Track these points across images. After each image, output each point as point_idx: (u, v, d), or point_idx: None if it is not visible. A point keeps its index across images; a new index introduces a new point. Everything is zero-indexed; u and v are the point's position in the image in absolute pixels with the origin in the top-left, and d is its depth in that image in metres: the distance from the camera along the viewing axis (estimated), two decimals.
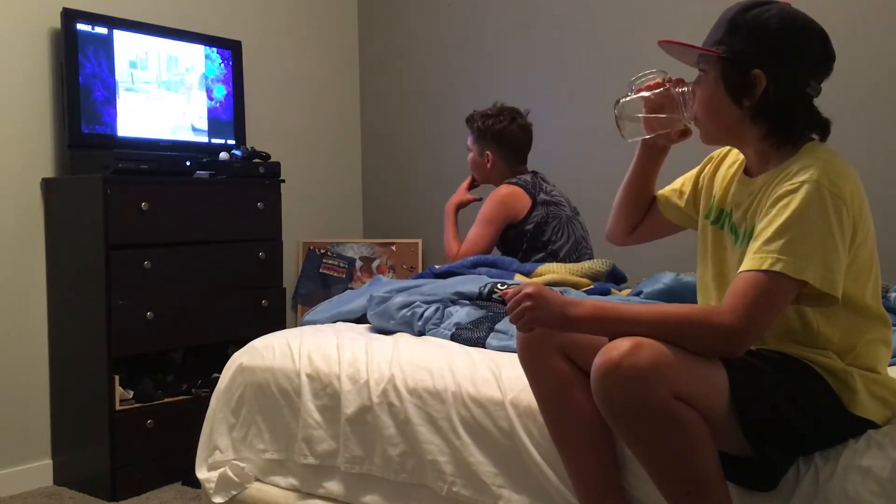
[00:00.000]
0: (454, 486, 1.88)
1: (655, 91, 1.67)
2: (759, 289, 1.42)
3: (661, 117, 1.67)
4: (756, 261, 1.44)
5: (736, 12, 1.57)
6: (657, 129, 1.70)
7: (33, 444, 2.99)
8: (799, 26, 1.54)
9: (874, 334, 1.56)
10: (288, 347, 2.24)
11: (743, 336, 1.42)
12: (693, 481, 1.42)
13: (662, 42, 1.61)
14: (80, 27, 2.97)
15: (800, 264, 1.41)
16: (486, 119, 2.96)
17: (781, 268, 1.41)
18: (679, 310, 1.49)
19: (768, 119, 1.55)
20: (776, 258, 1.42)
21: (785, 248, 1.42)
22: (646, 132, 1.71)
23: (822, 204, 1.43)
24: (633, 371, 1.38)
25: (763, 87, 1.53)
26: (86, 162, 2.95)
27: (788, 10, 1.55)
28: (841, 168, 1.49)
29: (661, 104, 1.67)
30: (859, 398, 1.51)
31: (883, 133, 2.98)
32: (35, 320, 3.00)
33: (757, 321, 1.42)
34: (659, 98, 1.67)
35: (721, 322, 1.42)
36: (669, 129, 1.70)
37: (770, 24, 1.52)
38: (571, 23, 3.65)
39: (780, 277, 1.41)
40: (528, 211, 2.84)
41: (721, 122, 1.60)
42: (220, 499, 2.24)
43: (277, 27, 3.93)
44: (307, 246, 4.05)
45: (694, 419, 1.41)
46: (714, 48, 1.57)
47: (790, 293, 1.43)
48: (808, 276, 1.41)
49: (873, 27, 2.99)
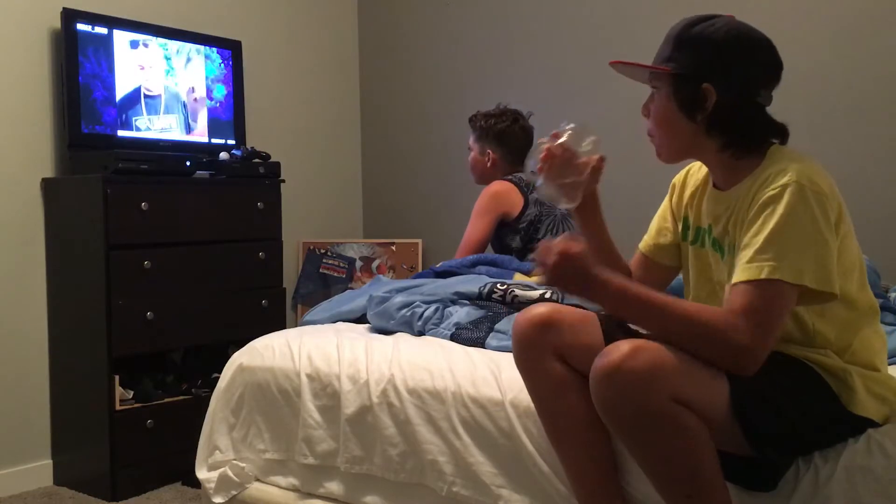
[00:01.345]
0: (454, 487, 1.88)
1: (547, 161, 1.64)
2: (763, 300, 1.41)
3: (569, 181, 1.62)
4: (753, 271, 1.42)
5: (682, 28, 1.59)
6: (578, 188, 1.64)
7: (33, 444, 2.99)
8: (744, 38, 1.55)
9: (868, 327, 1.56)
10: (288, 347, 2.24)
11: (756, 354, 1.41)
12: (693, 485, 1.42)
13: (613, 63, 1.63)
14: (80, 27, 2.97)
15: (797, 268, 1.41)
16: (488, 119, 3.00)
17: (780, 275, 1.41)
18: (704, 315, 1.44)
19: (723, 131, 1.57)
20: (773, 266, 1.41)
21: (779, 254, 1.41)
22: (573, 199, 1.65)
23: (807, 203, 1.44)
24: (632, 375, 1.38)
25: (713, 100, 1.54)
26: (86, 162, 2.95)
27: (733, 23, 1.57)
28: (813, 166, 1.50)
29: (561, 167, 1.63)
30: (858, 397, 1.51)
31: (883, 133, 2.98)
32: (35, 320, 3.00)
33: (766, 334, 1.41)
34: (555, 164, 1.63)
35: (737, 341, 1.40)
36: (583, 180, 1.64)
37: (716, 38, 1.54)
38: (572, 23, 3.65)
39: (780, 284, 1.41)
40: (521, 209, 2.86)
41: (677, 137, 1.61)
42: (220, 499, 2.24)
43: (277, 27, 3.93)
44: (307, 246, 4.05)
45: (694, 423, 1.40)
46: (663, 65, 1.59)
47: (792, 299, 1.43)
48: (806, 280, 1.41)
49: (873, 27, 2.99)
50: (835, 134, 3.05)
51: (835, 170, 1.59)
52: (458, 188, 3.92)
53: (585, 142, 1.62)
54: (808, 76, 3.02)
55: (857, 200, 2.96)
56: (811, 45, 3.05)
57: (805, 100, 3.00)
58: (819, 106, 3.05)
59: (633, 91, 3.48)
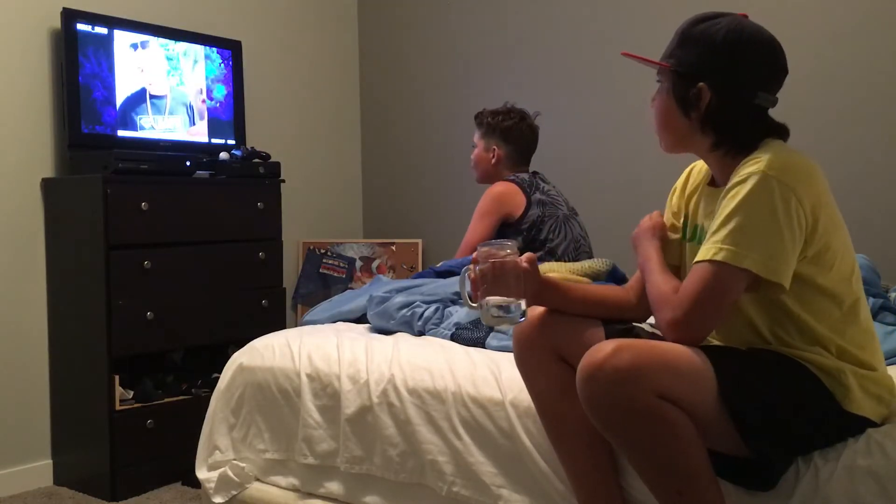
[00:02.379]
0: (454, 486, 1.88)
1: (483, 276, 1.56)
2: (705, 279, 1.47)
3: (506, 297, 1.54)
4: (703, 252, 1.49)
5: (687, 25, 1.61)
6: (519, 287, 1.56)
7: (33, 444, 2.99)
8: (745, 39, 1.55)
9: (859, 324, 1.56)
10: (288, 347, 2.24)
11: (689, 326, 1.48)
12: (683, 480, 1.43)
13: (624, 54, 1.67)
14: (80, 27, 2.97)
15: (740, 252, 1.44)
16: (495, 116, 3.00)
17: (723, 257, 1.45)
18: (660, 286, 1.57)
19: (715, 130, 1.59)
20: (719, 248, 1.46)
21: (728, 237, 1.46)
22: (520, 295, 1.57)
23: (769, 192, 1.45)
24: (615, 373, 1.39)
25: (707, 99, 1.56)
26: (86, 162, 2.95)
27: (737, 23, 1.57)
28: (793, 159, 1.50)
29: (496, 287, 1.55)
30: (853, 395, 1.51)
31: (883, 133, 2.98)
32: (35, 320, 3.00)
33: (703, 311, 1.47)
34: (490, 286, 1.55)
35: (672, 315, 1.49)
36: (519, 283, 1.56)
37: (715, 38, 1.55)
38: (573, 23, 3.65)
39: (723, 266, 1.45)
40: (523, 209, 2.85)
41: (672, 131, 1.64)
42: (220, 499, 2.24)
43: (277, 27, 3.93)
44: (307, 246, 4.05)
45: (680, 418, 1.41)
46: (666, 61, 1.61)
47: (735, 281, 1.46)
48: (747, 264, 1.44)
49: (873, 27, 2.99)
50: (834, 134, 3.05)
51: (835, 170, 1.59)
52: (459, 188, 3.92)
53: (504, 252, 1.56)
54: (808, 76, 3.03)
55: (858, 200, 2.97)
56: (811, 44, 3.05)
57: (804, 100, 3.00)
58: (818, 106, 3.05)
59: (634, 91, 3.49)
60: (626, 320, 1.72)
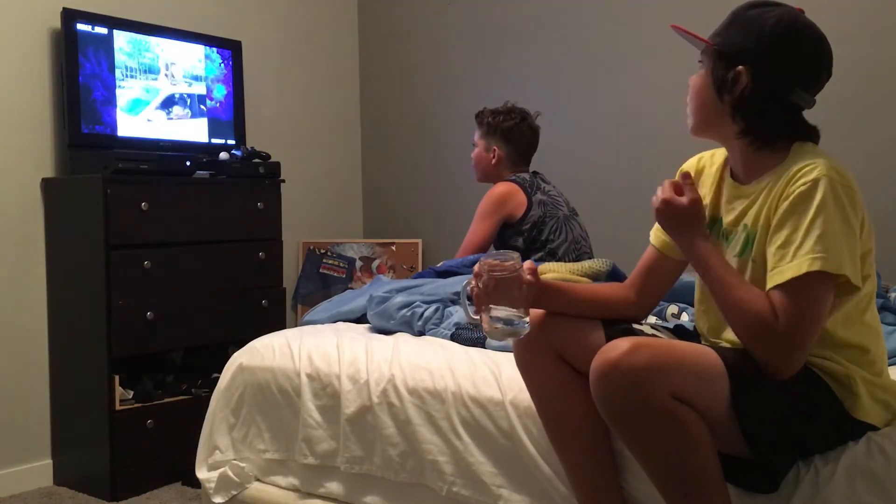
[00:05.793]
0: (454, 486, 1.88)
1: (485, 288, 1.53)
2: (811, 295, 1.41)
3: (509, 310, 1.53)
4: (795, 267, 1.41)
5: (741, 7, 1.58)
6: (522, 298, 1.55)
7: (33, 444, 2.99)
8: (795, 32, 1.53)
9: (868, 322, 1.54)
10: (288, 347, 2.24)
11: (804, 352, 1.43)
12: (692, 483, 1.42)
13: (673, 27, 1.63)
14: (80, 27, 2.97)
15: (837, 260, 1.41)
16: (496, 115, 2.99)
17: (820, 266, 1.40)
18: (759, 304, 1.44)
19: (745, 117, 1.56)
20: (812, 258, 1.40)
21: (817, 245, 1.41)
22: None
23: (837, 197, 1.44)
24: (632, 372, 1.37)
25: (744, 84, 1.53)
26: (86, 162, 2.95)
27: (790, 14, 1.54)
28: (840, 163, 1.50)
29: (498, 297, 1.53)
30: (862, 402, 1.50)
31: (882, 132, 2.98)
32: (35, 320, 3.00)
33: (814, 332, 1.42)
34: (493, 299, 1.53)
35: (787, 345, 1.41)
36: (523, 295, 1.56)
37: (765, 25, 1.52)
38: (573, 23, 3.65)
39: (822, 275, 1.40)
40: (525, 210, 2.85)
41: (703, 110, 1.61)
42: (220, 499, 2.24)
43: (277, 27, 3.93)
44: (307, 246, 4.05)
45: (693, 420, 1.40)
46: (712, 40, 1.59)
47: (831, 289, 1.43)
48: (846, 270, 1.41)
49: (873, 27, 2.99)
50: (834, 133, 3.04)
51: None
52: (459, 188, 3.92)
53: (507, 264, 1.54)
54: None
55: None
56: None
57: None
58: (818, 105, 3.05)
59: (634, 91, 3.49)
60: (627, 320, 1.70)
